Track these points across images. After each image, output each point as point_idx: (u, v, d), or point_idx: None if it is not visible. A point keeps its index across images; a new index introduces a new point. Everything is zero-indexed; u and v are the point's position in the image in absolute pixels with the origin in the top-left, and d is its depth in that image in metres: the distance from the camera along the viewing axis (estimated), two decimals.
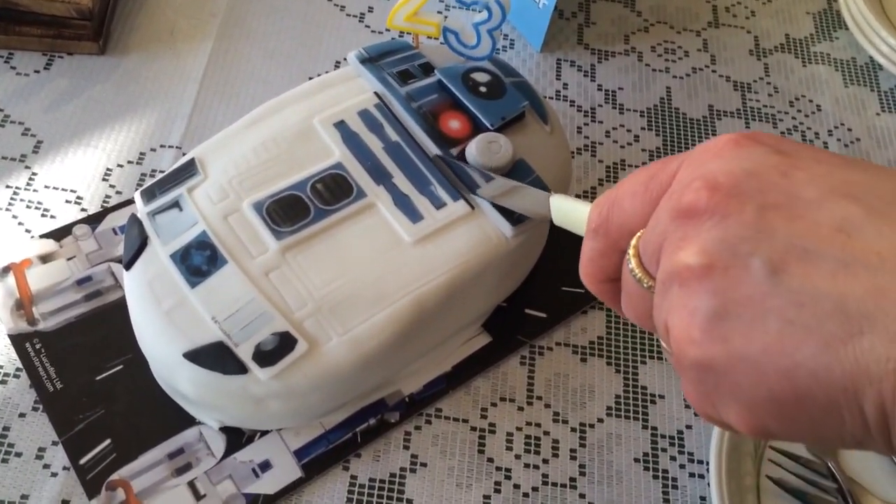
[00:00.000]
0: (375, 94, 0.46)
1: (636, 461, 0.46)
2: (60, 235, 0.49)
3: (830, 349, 0.20)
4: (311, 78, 0.57)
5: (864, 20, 0.64)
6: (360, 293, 0.40)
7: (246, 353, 0.38)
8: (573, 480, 0.45)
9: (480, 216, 0.42)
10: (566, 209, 0.34)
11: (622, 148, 0.59)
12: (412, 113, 0.45)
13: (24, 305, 0.46)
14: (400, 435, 0.45)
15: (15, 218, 0.49)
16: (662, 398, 0.48)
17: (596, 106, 0.61)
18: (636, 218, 0.26)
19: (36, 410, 0.43)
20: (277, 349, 0.38)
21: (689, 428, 0.47)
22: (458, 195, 0.43)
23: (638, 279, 0.26)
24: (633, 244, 0.26)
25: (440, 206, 0.42)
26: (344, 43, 0.62)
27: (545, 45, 0.63)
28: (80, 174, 0.52)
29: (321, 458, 0.43)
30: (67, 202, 0.51)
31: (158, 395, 0.43)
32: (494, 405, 0.47)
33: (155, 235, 0.40)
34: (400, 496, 0.43)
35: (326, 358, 0.38)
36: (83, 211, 0.50)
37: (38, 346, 0.45)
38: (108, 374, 0.44)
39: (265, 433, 0.43)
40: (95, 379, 0.44)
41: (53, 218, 0.50)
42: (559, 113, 0.59)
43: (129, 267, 0.40)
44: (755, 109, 0.63)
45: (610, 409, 0.47)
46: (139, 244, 0.40)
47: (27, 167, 0.52)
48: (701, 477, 0.45)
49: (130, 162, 0.53)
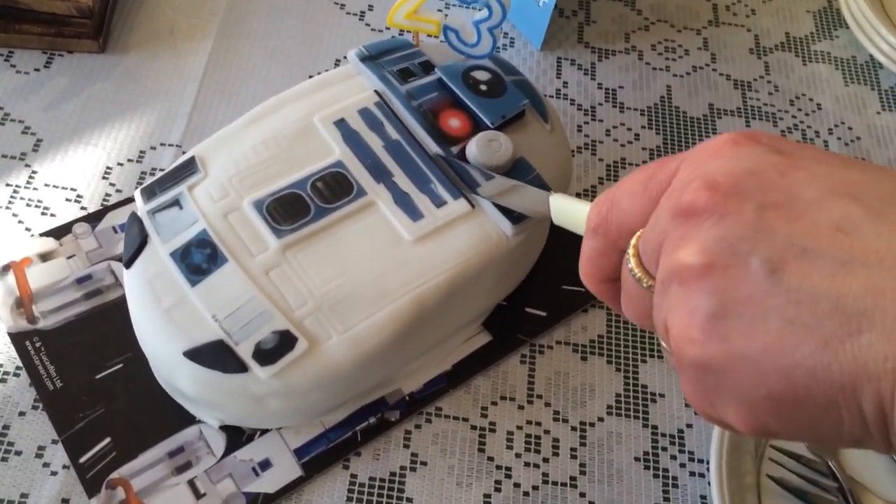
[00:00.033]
0: (376, 92, 0.46)
1: (636, 460, 0.46)
2: (60, 234, 0.49)
3: (829, 348, 0.20)
4: (311, 76, 0.57)
5: (864, 18, 0.64)
6: (360, 291, 0.40)
7: (246, 351, 0.38)
8: (573, 479, 0.45)
9: (481, 214, 0.42)
10: (566, 208, 0.34)
11: (622, 146, 0.59)
12: (412, 111, 0.45)
13: (23, 304, 0.46)
14: (400, 433, 0.45)
15: (15, 216, 0.49)
16: (663, 397, 0.48)
17: (596, 104, 0.61)
18: (635, 217, 0.26)
19: (36, 409, 0.43)
20: (277, 348, 0.38)
21: (689, 427, 0.47)
22: (458, 193, 0.43)
23: (637, 279, 0.26)
24: (632, 244, 0.26)
25: (440, 204, 0.42)
26: (344, 41, 0.62)
27: (545, 43, 0.63)
28: (80, 172, 0.52)
29: (321, 456, 0.43)
30: (67, 200, 0.51)
31: (158, 393, 0.43)
32: (495, 404, 0.47)
33: (155, 234, 0.40)
34: (400, 495, 0.43)
35: (327, 356, 0.38)
36: (83, 209, 0.50)
37: (37, 344, 0.45)
38: (107, 372, 0.44)
39: (265, 432, 0.43)
40: (95, 377, 0.44)
41: (53, 216, 0.50)
42: (559, 111, 0.59)
43: (129, 265, 0.40)
44: (755, 108, 0.62)
45: (610, 407, 0.47)
46: (139, 242, 0.40)
47: (27, 165, 0.52)
48: (701, 476, 0.45)
49: (130, 160, 0.53)
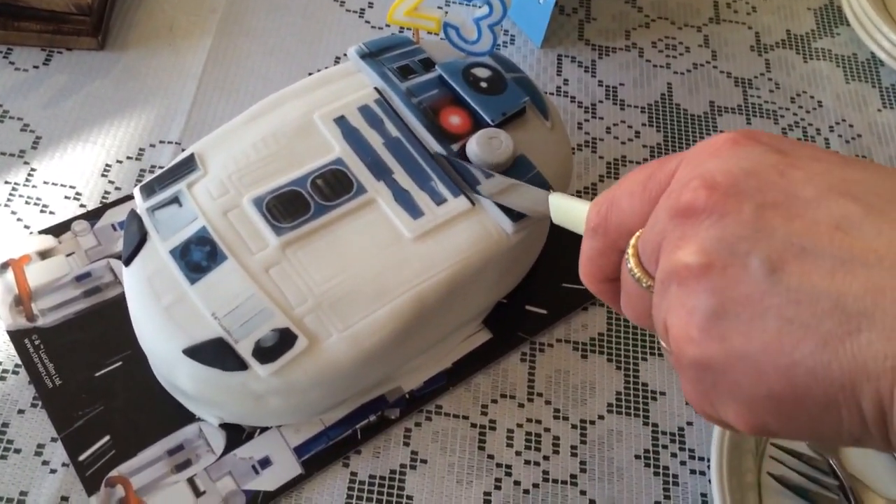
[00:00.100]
0: (376, 89, 0.46)
1: (637, 458, 0.46)
2: (59, 231, 0.48)
3: (829, 347, 0.20)
4: (310, 73, 0.57)
5: (865, 16, 0.64)
6: (360, 289, 0.39)
7: (246, 349, 0.37)
8: (574, 477, 0.45)
9: (481, 212, 0.42)
10: (565, 208, 0.34)
11: (623, 144, 0.59)
12: (412, 108, 0.45)
13: (22, 301, 0.46)
14: (400, 431, 0.45)
15: (14, 214, 0.49)
16: (663, 395, 0.48)
17: (596, 102, 0.61)
18: (635, 217, 0.26)
19: (35, 407, 0.43)
20: (277, 345, 0.38)
21: (689, 425, 0.47)
22: (458, 191, 0.42)
23: (637, 279, 0.26)
24: (631, 244, 0.26)
25: (441, 202, 0.42)
26: (344, 38, 0.61)
27: (546, 40, 0.63)
28: (79, 170, 0.52)
29: (321, 454, 0.43)
30: (66, 198, 0.50)
31: (158, 391, 0.43)
32: (495, 402, 0.46)
33: (154, 231, 0.40)
34: (400, 493, 0.43)
35: (326, 354, 0.38)
36: (82, 207, 0.50)
37: (37, 342, 0.44)
38: (107, 370, 0.44)
39: (265, 430, 0.43)
40: (95, 375, 0.44)
41: (52, 214, 0.50)
42: (560, 109, 0.59)
43: (128, 263, 0.40)
44: (756, 105, 0.62)
45: (611, 405, 0.47)
46: (138, 240, 0.40)
47: (26, 163, 0.51)
48: (702, 474, 0.45)
49: (129, 158, 0.53)
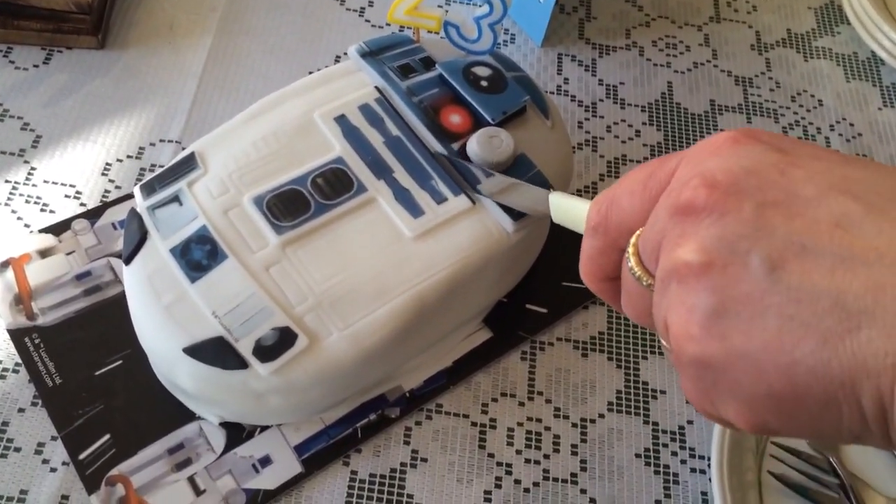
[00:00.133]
0: (376, 88, 0.46)
1: (637, 456, 0.46)
2: (59, 230, 0.48)
3: (829, 345, 0.20)
4: (311, 72, 0.57)
5: (865, 15, 0.64)
6: (360, 288, 0.39)
7: (246, 348, 0.37)
8: (574, 476, 0.45)
9: (482, 211, 0.42)
10: (565, 207, 0.34)
11: (623, 143, 0.59)
12: (413, 107, 0.45)
13: (23, 300, 0.46)
14: (400, 430, 0.45)
15: (14, 213, 0.49)
16: (664, 393, 0.48)
17: (597, 101, 0.61)
18: (635, 216, 0.26)
19: (35, 405, 0.43)
20: (278, 344, 0.38)
21: (690, 423, 0.47)
22: (459, 190, 0.42)
23: (637, 277, 0.26)
24: (632, 242, 0.26)
25: (441, 200, 0.42)
26: (344, 37, 0.61)
27: (546, 39, 0.63)
28: (79, 169, 0.52)
29: (321, 453, 0.43)
30: (66, 197, 0.50)
31: (158, 390, 0.43)
32: (495, 400, 0.46)
33: (155, 230, 0.40)
34: (400, 491, 0.43)
35: (327, 353, 0.38)
36: (82, 206, 0.50)
37: (37, 340, 0.44)
38: (107, 369, 0.44)
39: (265, 428, 0.43)
40: (95, 374, 0.44)
41: (52, 213, 0.50)
42: (560, 108, 0.59)
43: (128, 262, 0.40)
44: (757, 104, 0.62)
45: (611, 404, 0.47)
46: (139, 239, 0.40)
47: (26, 162, 0.51)
48: (702, 472, 0.45)
49: (130, 156, 0.53)
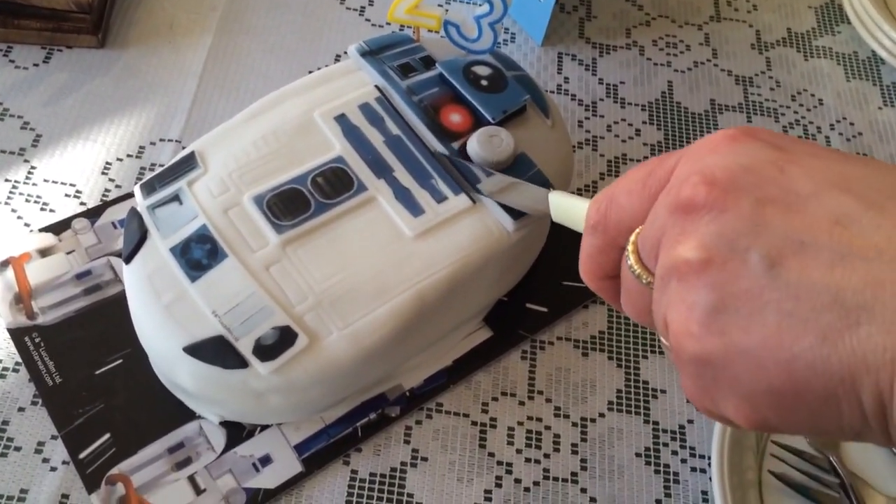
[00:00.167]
0: (376, 87, 0.46)
1: (637, 456, 0.46)
2: (59, 229, 0.48)
3: (828, 341, 0.20)
4: (311, 72, 0.57)
5: (866, 14, 0.64)
6: (360, 287, 0.39)
7: (246, 347, 0.37)
8: (574, 475, 0.45)
9: (482, 210, 0.42)
10: (565, 206, 0.34)
11: (623, 142, 0.59)
12: (413, 106, 0.45)
13: (23, 299, 0.46)
14: (400, 429, 0.45)
15: (14, 212, 0.49)
16: (664, 393, 0.48)
17: (597, 100, 0.61)
18: (634, 214, 0.26)
19: (35, 404, 0.43)
20: (278, 343, 0.38)
21: (690, 423, 0.47)
22: (459, 189, 0.42)
23: (637, 275, 0.26)
24: (631, 240, 0.26)
25: (441, 199, 0.42)
26: (344, 37, 0.61)
27: (546, 38, 0.63)
28: (79, 168, 0.52)
29: (322, 452, 0.43)
30: (66, 196, 0.50)
31: (158, 389, 0.43)
32: (495, 400, 0.46)
33: (155, 229, 0.40)
34: (401, 491, 0.43)
35: (327, 352, 0.38)
36: (82, 205, 0.50)
37: (37, 340, 0.44)
38: (107, 368, 0.44)
39: (265, 427, 0.43)
40: (95, 373, 0.44)
41: (52, 212, 0.50)
42: (560, 107, 0.59)
43: (128, 261, 0.40)
44: (757, 103, 0.62)
45: (611, 403, 0.47)
46: (139, 238, 0.40)
47: (26, 161, 0.51)
48: (703, 472, 0.45)
49: (130, 156, 0.53)
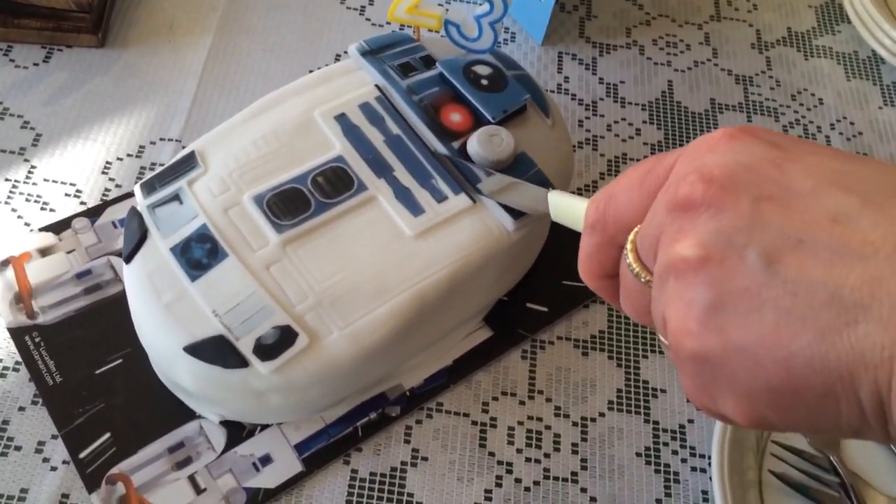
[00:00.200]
0: (376, 86, 0.46)
1: (638, 455, 0.46)
2: (60, 229, 0.48)
3: (826, 338, 0.20)
4: (311, 71, 0.57)
5: (866, 13, 0.64)
6: (361, 287, 0.39)
7: (247, 346, 0.37)
8: (575, 474, 0.45)
9: (482, 210, 0.42)
10: (564, 205, 0.34)
11: (624, 142, 0.59)
12: (413, 106, 0.45)
13: (23, 299, 0.46)
14: (401, 429, 0.45)
15: (14, 211, 0.49)
16: (664, 392, 0.48)
17: (597, 99, 0.61)
18: (633, 213, 0.26)
19: (35, 404, 0.43)
20: (278, 343, 0.38)
21: (690, 422, 0.47)
22: (459, 188, 0.42)
23: (636, 274, 0.26)
24: (630, 239, 0.26)
25: (441, 199, 0.42)
26: (344, 36, 0.61)
27: (546, 38, 0.63)
28: (79, 167, 0.52)
29: (322, 452, 0.43)
30: (67, 195, 0.50)
31: (158, 388, 0.43)
32: (496, 399, 0.46)
33: (155, 228, 0.40)
34: (401, 490, 0.43)
35: (327, 352, 0.38)
36: (82, 204, 0.50)
37: (37, 339, 0.44)
38: (107, 367, 0.44)
39: (266, 427, 0.43)
40: (95, 373, 0.44)
41: (53, 211, 0.50)
42: (560, 106, 0.59)
43: (128, 260, 0.40)
44: (757, 103, 0.62)
45: (611, 403, 0.47)
46: (139, 237, 0.40)
47: (26, 160, 0.51)
48: (703, 471, 0.45)
49: (130, 155, 0.53)
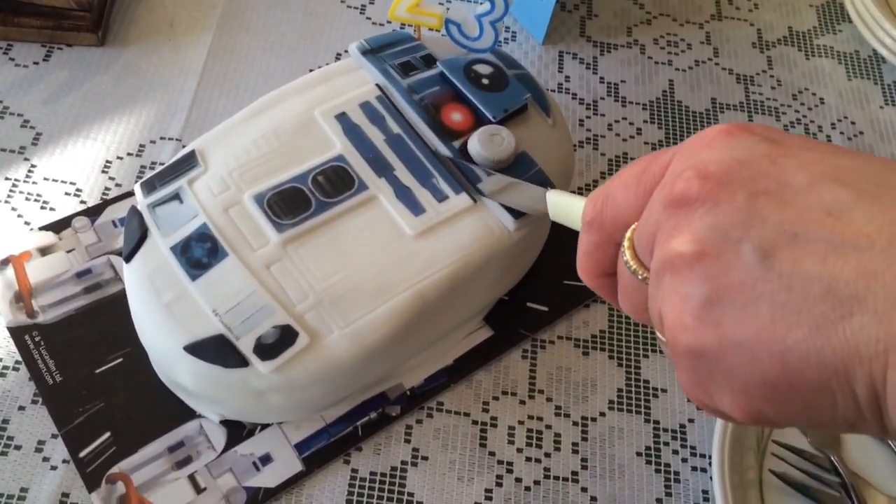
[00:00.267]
0: (377, 85, 0.46)
1: (638, 455, 0.46)
2: (60, 228, 0.48)
3: (821, 332, 0.20)
4: (311, 70, 0.57)
5: (867, 13, 0.64)
6: (361, 286, 0.39)
7: (247, 346, 0.37)
8: (575, 474, 0.45)
9: (483, 209, 0.42)
10: (562, 204, 0.34)
11: (624, 141, 0.59)
12: (414, 105, 0.45)
13: (23, 298, 0.46)
14: (401, 428, 0.45)
15: (14, 210, 0.49)
16: (665, 392, 0.48)
17: (598, 99, 0.60)
18: (630, 210, 0.26)
19: (35, 403, 0.43)
20: (278, 342, 0.38)
21: (691, 422, 0.47)
22: (460, 188, 0.42)
23: (633, 271, 0.26)
24: (627, 236, 0.26)
25: (442, 198, 0.42)
26: (345, 35, 0.61)
27: (547, 37, 0.63)
28: (79, 166, 0.52)
29: (322, 451, 0.43)
30: (67, 194, 0.50)
31: (158, 388, 0.43)
32: (496, 399, 0.46)
33: (155, 227, 0.40)
34: (401, 490, 0.43)
35: (328, 351, 0.38)
36: (82, 203, 0.50)
37: (37, 338, 0.44)
38: (107, 366, 0.44)
39: (266, 426, 0.43)
40: (95, 372, 0.44)
41: (53, 210, 0.50)
42: (561, 106, 0.59)
43: (128, 259, 0.40)
44: (758, 102, 0.62)
45: (612, 402, 0.47)
46: (139, 236, 0.40)
47: (26, 159, 0.51)
48: (703, 471, 0.45)
49: (130, 154, 0.53)
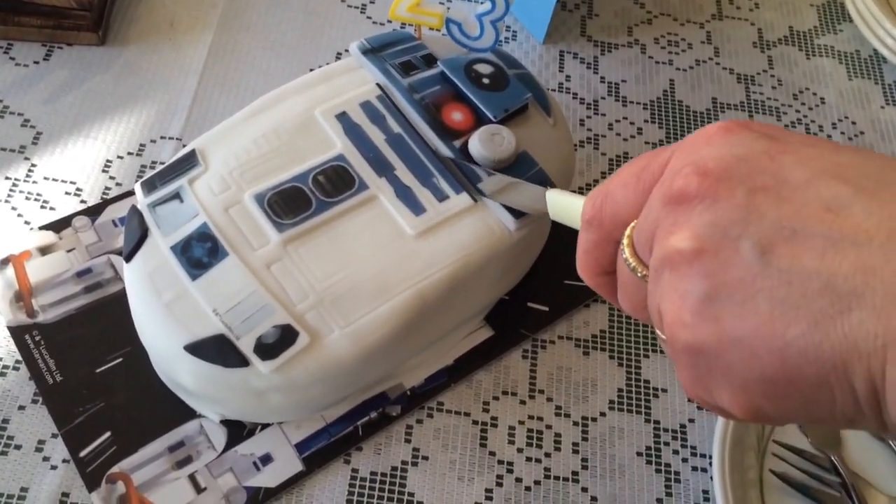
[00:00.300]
0: (377, 85, 0.46)
1: (639, 455, 0.46)
2: (60, 227, 0.48)
3: (820, 327, 0.20)
4: (312, 69, 0.57)
5: (868, 12, 0.64)
6: (361, 286, 0.39)
7: (247, 345, 0.37)
8: (575, 474, 0.45)
9: (483, 209, 0.42)
10: (562, 204, 0.34)
11: (625, 140, 0.59)
12: (414, 104, 0.45)
13: (23, 297, 0.46)
14: (401, 428, 0.45)
15: (14, 209, 0.49)
16: (665, 392, 0.48)
17: (599, 98, 0.60)
18: (629, 208, 0.26)
19: (35, 403, 0.43)
20: (279, 342, 0.37)
21: (691, 422, 0.47)
22: (460, 188, 0.42)
23: (632, 268, 0.26)
24: (626, 234, 0.26)
25: (443, 198, 0.42)
26: (345, 34, 0.61)
27: (548, 36, 0.63)
28: (79, 165, 0.52)
29: (322, 451, 0.43)
30: (67, 194, 0.50)
31: (159, 387, 0.43)
32: (496, 399, 0.46)
33: (155, 227, 0.40)
34: (401, 490, 0.43)
35: (328, 351, 0.38)
36: (83, 202, 0.50)
37: (37, 338, 0.44)
38: (108, 366, 0.44)
39: (266, 426, 0.43)
40: (95, 371, 0.44)
41: (53, 210, 0.49)
42: (562, 105, 0.59)
43: (129, 259, 0.40)
44: (759, 102, 0.62)
45: (612, 402, 0.47)
46: (139, 236, 0.40)
47: (26, 158, 0.51)
48: (704, 471, 0.45)
49: (130, 153, 0.53)
